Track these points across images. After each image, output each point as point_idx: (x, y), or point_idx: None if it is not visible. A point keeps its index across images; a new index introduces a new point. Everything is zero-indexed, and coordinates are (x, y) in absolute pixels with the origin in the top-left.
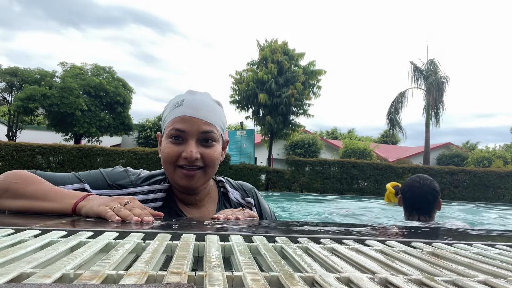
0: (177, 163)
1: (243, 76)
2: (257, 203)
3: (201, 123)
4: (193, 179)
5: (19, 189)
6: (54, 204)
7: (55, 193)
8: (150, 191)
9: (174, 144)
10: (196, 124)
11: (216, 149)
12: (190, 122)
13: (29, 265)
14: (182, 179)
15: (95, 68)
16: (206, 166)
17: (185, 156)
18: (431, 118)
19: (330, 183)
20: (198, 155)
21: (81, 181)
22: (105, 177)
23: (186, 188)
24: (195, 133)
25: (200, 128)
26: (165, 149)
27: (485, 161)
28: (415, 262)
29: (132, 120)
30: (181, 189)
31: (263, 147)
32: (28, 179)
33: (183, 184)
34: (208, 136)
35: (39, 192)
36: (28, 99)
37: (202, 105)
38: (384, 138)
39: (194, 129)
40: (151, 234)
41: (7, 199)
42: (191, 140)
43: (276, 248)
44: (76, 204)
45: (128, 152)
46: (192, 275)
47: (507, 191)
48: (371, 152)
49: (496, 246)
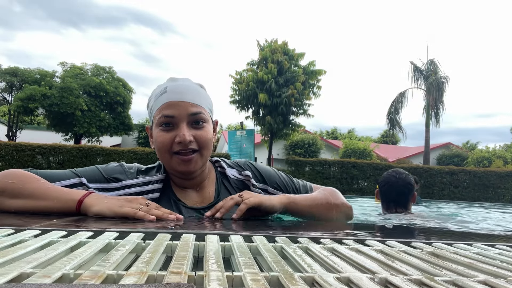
0: (172, 150)
1: (243, 76)
2: (256, 172)
3: (188, 105)
4: (190, 163)
5: (16, 189)
6: (55, 203)
7: (54, 191)
8: (146, 182)
9: (166, 131)
10: (184, 108)
11: (207, 130)
12: (177, 106)
13: (29, 265)
14: (180, 165)
15: (95, 68)
16: (201, 148)
17: (179, 141)
18: (431, 118)
19: (330, 183)
20: (191, 137)
21: (78, 175)
22: (101, 171)
23: (185, 173)
24: (184, 116)
25: (189, 111)
26: (158, 138)
27: (485, 161)
28: (415, 262)
29: (132, 120)
30: (180, 175)
31: (263, 147)
32: (24, 178)
33: (182, 170)
34: (197, 117)
35: (38, 191)
36: (28, 99)
37: (187, 89)
38: (384, 138)
39: (183, 113)
40: (151, 234)
41: (4, 200)
42: (181, 124)
43: (276, 248)
44: (81, 202)
45: (128, 152)
46: (192, 275)
47: (507, 191)
48: (371, 152)
49: (496, 246)
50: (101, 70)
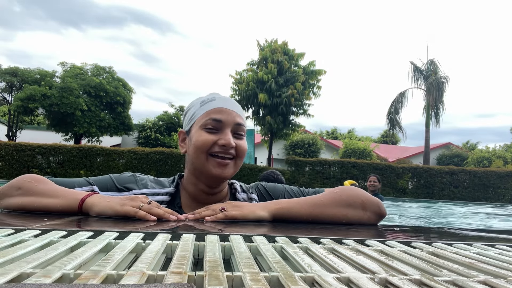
0: (211, 151)
1: (243, 76)
2: (265, 193)
3: (235, 115)
4: (226, 167)
5: (31, 187)
6: (60, 200)
7: (62, 191)
8: (154, 193)
9: (209, 133)
10: (232, 116)
11: (246, 143)
12: (226, 113)
13: (29, 265)
14: (215, 167)
15: (95, 68)
16: (237, 156)
17: (223, 144)
18: (431, 118)
19: (330, 183)
20: (234, 144)
21: (91, 183)
22: (114, 180)
23: (217, 178)
24: (231, 123)
25: (235, 120)
26: (200, 137)
27: (485, 161)
28: (415, 262)
29: (132, 120)
30: (209, 179)
31: (263, 147)
32: (40, 180)
33: (216, 173)
34: (241, 128)
35: (48, 190)
36: (28, 99)
37: (234, 102)
38: (384, 138)
39: (230, 120)
40: (151, 234)
41: (18, 196)
42: (226, 129)
43: (276, 248)
44: (83, 201)
45: (128, 152)
46: (192, 275)
47: (507, 191)
48: (371, 152)
49: (496, 246)
50: (101, 70)
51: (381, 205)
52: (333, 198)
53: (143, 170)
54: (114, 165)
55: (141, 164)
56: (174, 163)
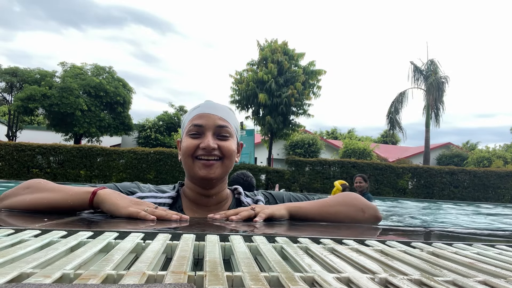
0: (195, 154)
1: (243, 76)
2: (270, 197)
3: (216, 118)
4: (211, 168)
5: (40, 186)
6: (70, 196)
7: (71, 188)
8: (156, 197)
9: (193, 139)
10: (212, 119)
11: (231, 142)
12: (206, 117)
13: (29, 265)
14: (201, 169)
15: (95, 68)
16: (224, 157)
17: (203, 147)
18: (431, 118)
19: (330, 183)
20: (215, 145)
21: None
22: (118, 187)
23: (204, 179)
24: (212, 126)
25: (216, 123)
26: (184, 143)
27: (485, 161)
28: (415, 262)
29: (132, 120)
30: (200, 182)
31: (263, 147)
32: (49, 182)
33: (202, 174)
34: (223, 130)
35: (57, 187)
36: (28, 99)
37: (217, 106)
38: (384, 138)
39: (210, 123)
40: (151, 234)
41: (27, 194)
42: (208, 133)
43: (276, 248)
44: (94, 194)
45: (128, 152)
46: (192, 275)
47: (507, 191)
48: (371, 152)
49: (496, 246)
50: (101, 70)
51: (377, 210)
52: (338, 200)
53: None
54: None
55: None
56: (174, 163)
